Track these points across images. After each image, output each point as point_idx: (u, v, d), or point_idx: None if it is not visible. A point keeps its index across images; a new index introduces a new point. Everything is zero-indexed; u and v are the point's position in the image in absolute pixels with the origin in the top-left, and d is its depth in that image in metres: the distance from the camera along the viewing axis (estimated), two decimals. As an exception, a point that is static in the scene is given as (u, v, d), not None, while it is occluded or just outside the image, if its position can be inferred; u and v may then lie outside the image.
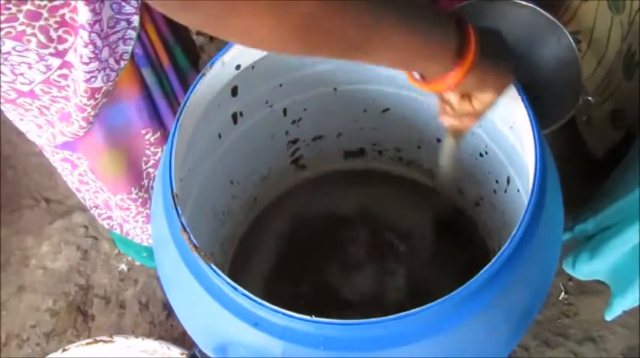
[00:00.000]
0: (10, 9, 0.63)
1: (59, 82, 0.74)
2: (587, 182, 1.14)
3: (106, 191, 0.94)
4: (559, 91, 1.04)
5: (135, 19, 0.74)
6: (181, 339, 1.17)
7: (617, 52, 1.13)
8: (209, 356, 0.65)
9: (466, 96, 0.58)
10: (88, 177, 0.93)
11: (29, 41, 0.67)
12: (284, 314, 0.54)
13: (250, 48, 0.43)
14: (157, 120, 0.88)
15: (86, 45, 0.68)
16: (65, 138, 0.82)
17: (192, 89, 0.69)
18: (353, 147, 1.02)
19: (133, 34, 0.75)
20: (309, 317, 0.53)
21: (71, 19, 0.67)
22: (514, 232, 0.57)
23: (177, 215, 0.60)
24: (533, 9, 1.03)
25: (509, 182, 0.82)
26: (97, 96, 0.76)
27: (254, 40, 0.41)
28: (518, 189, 0.79)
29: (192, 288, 0.61)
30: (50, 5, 0.65)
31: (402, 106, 0.89)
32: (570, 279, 1.20)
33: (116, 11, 0.71)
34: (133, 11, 0.73)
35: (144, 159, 0.92)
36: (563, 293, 1.20)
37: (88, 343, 0.95)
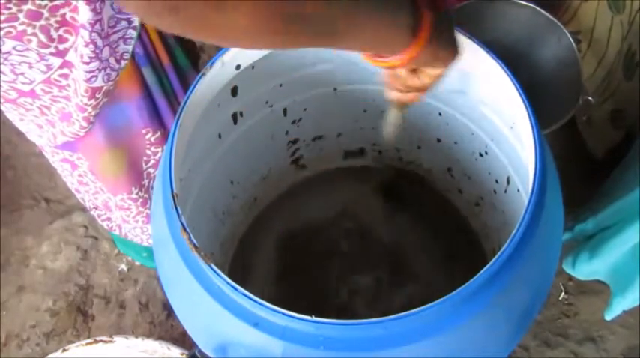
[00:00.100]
0: (11, 9, 0.63)
1: (60, 81, 0.74)
2: (587, 182, 1.14)
3: (106, 191, 0.94)
4: (559, 91, 1.04)
5: (135, 18, 0.74)
6: (181, 339, 1.17)
7: (617, 52, 1.13)
8: (209, 356, 0.65)
9: (415, 71, 0.59)
10: (87, 178, 0.93)
11: (30, 41, 0.67)
12: (284, 314, 0.54)
13: (230, 46, 0.44)
14: (157, 119, 0.88)
15: (87, 44, 0.69)
16: (66, 138, 0.82)
17: (192, 89, 0.69)
18: (353, 147, 1.02)
19: (133, 33, 0.75)
20: (309, 317, 0.53)
21: (72, 18, 0.67)
22: (514, 232, 0.57)
23: (177, 215, 0.60)
24: (533, 9, 1.03)
25: (509, 182, 0.82)
26: (97, 96, 0.76)
27: (237, 35, 0.42)
28: (518, 189, 0.79)
29: (192, 288, 0.61)
30: (51, 5, 0.65)
31: (402, 106, 0.89)
32: (570, 279, 1.20)
33: (117, 11, 0.71)
34: None
35: (144, 158, 0.92)
36: (563, 293, 1.20)
37: (88, 343, 0.95)
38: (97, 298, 1.26)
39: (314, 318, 0.53)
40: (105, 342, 0.95)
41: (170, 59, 0.86)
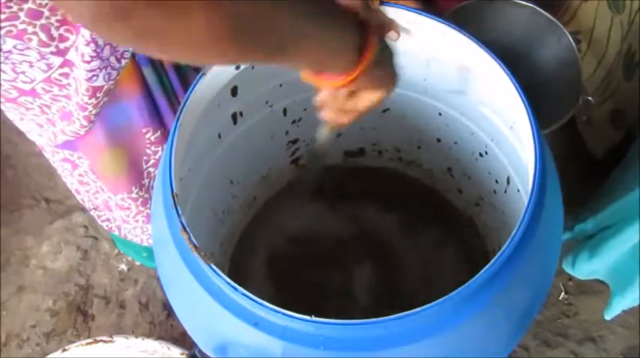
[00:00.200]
0: (12, 7, 0.63)
1: (60, 80, 0.74)
2: (587, 182, 1.14)
3: (107, 191, 0.94)
4: (559, 91, 1.04)
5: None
6: (181, 339, 1.17)
7: (617, 53, 1.13)
8: (209, 356, 0.65)
9: (354, 94, 0.59)
10: (88, 178, 0.93)
11: (30, 40, 0.67)
12: (284, 314, 0.54)
13: (180, 58, 0.43)
14: (157, 119, 0.88)
15: (88, 43, 0.69)
16: (66, 137, 0.82)
17: (193, 89, 0.69)
18: (353, 147, 1.02)
19: (134, 33, 0.75)
20: (309, 317, 0.53)
21: None
22: (514, 232, 0.57)
23: (177, 215, 0.60)
24: (533, 9, 1.03)
25: (509, 182, 0.82)
26: (98, 95, 0.76)
27: (188, 46, 0.40)
28: (518, 189, 0.79)
29: (192, 288, 0.60)
30: (52, 4, 0.65)
31: (402, 106, 0.89)
32: (570, 279, 1.20)
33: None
34: None
35: (144, 158, 0.92)
36: (563, 293, 1.20)
37: (88, 343, 0.95)
38: (97, 298, 1.26)
39: (314, 318, 0.53)
40: (105, 342, 0.95)
41: (170, 59, 0.86)
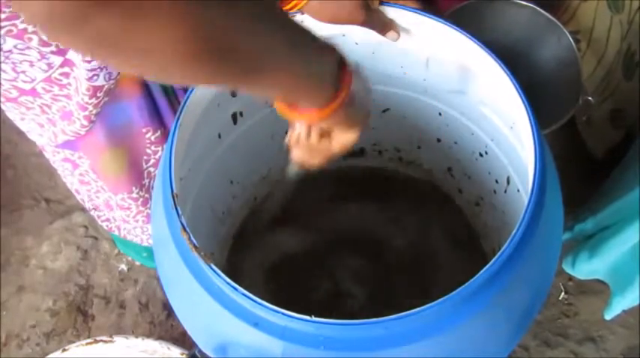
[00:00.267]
0: (12, 7, 0.63)
1: (61, 80, 0.74)
2: (587, 182, 1.14)
3: (107, 191, 0.94)
4: (559, 91, 1.04)
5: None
6: (181, 339, 1.17)
7: (617, 52, 1.13)
8: (209, 356, 0.65)
9: (326, 133, 0.58)
10: (89, 177, 0.93)
11: (30, 39, 0.67)
12: (284, 314, 0.54)
13: (139, 73, 0.39)
14: (157, 119, 0.88)
15: None
16: (66, 137, 0.82)
17: (193, 89, 0.69)
18: (353, 147, 1.02)
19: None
20: (309, 317, 0.53)
21: None
22: (514, 232, 0.57)
23: (177, 215, 0.60)
24: (533, 9, 1.03)
25: (509, 182, 0.82)
26: (98, 95, 0.76)
27: (152, 61, 0.36)
28: (518, 189, 0.79)
29: (192, 288, 0.60)
30: None
31: (402, 106, 0.89)
32: (570, 279, 1.20)
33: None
34: None
35: (144, 158, 0.92)
36: (563, 293, 1.20)
37: (88, 343, 0.95)
38: (97, 298, 1.26)
39: (314, 318, 0.53)
40: (105, 342, 0.95)
41: (170, 59, 0.86)
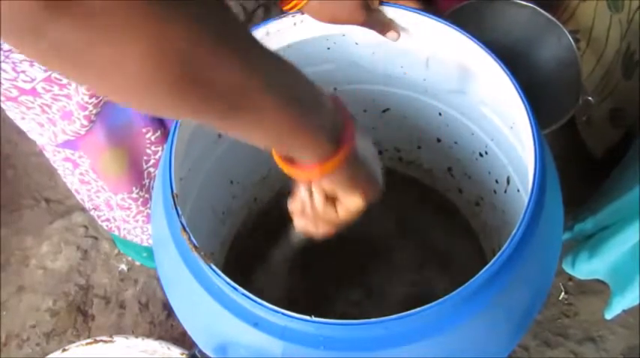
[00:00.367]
0: None
1: (60, 79, 0.74)
2: (587, 182, 1.14)
3: (107, 190, 0.94)
4: (559, 91, 1.04)
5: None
6: (181, 339, 1.17)
7: (616, 51, 1.13)
8: (209, 356, 0.65)
9: (331, 200, 0.53)
10: (89, 177, 0.93)
11: None
12: (284, 314, 0.54)
13: (101, 94, 0.35)
14: (157, 119, 0.88)
15: None
16: (67, 136, 0.82)
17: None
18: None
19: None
20: (309, 317, 0.53)
21: None
22: (514, 232, 0.57)
23: (177, 215, 0.60)
24: (533, 9, 1.03)
25: (509, 182, 0.82)
26: (98, 95, 0.76)
27: (115, 84, 0.32)
28: (518, 189, 0.79)
29: (192, 288, 0.60)
30: None
31: (402, 106, 0.89)
32: (570, 279, 1.20)
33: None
34: None
35: (144, 158, 0.92)
36: (563, 293, 1.20)
37: (88, 343, 0.95)
38: (97, 298, 1.26)
39: (314, 318, 0.53)
40: (105, 342, 0.95)
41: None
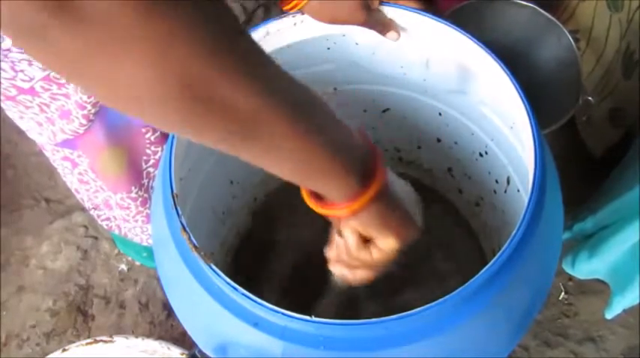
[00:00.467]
0: None
1: (59, 79, 0.74)
2: (587, 182, 1.14)
3: (107, 190, 0.94)
4: (559, 91, 1.04)
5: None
6: (181, 339, 1.17)
7: (616, 51, 1.13)
8: (209, 356, 0.65)
9: (366, 243, 0.52)
10: (88, 176, 0.93)
11: None
12: (284, 314, 0.54)
13: (108, 105, 0.34)
14: (156, 119, 0.88)
15: None
16: (65, 135, 0.82)
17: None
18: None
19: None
20: (309, 317, 0.53)
21: None
22: (514, 232, 0.57)
23: (177, 215, 0.60)
24: (533, 9, 1.03)
25: (509, 182, 0.82)
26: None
27: (117, 95, 0.32)
28: (518, 189, 0.79)
29: (192, 288, 0.60)
30: None
31: (402, 106, 0.89)
32: (570, 279, 1.20)
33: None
34: None
35: (144, 158, 0.92)
36: (563, 293, 1.20)
37: (88, 343, 0.95)
38: (97, 298, 1.26)
39: (314, 318, 0.53)
40: (105, 342, 0.95)
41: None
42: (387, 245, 0.51)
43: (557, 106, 1.01)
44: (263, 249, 1.00)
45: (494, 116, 0.77)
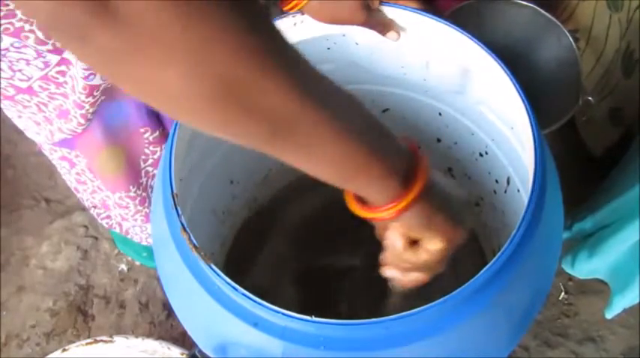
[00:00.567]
0: (9, 5, 0.63)
1: (57, 78, 0.74)
2: (587, 182, 1.14)
3: (105, 190, 0.94)
4: (559, 91, 1.04)
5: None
6: (181, 339, 1.17)
7: (616, 51, 1.13)
8: (209, 356, 0.65)
9: (413, 245, 0.51)
10: (85, 176, 0.93)
11: (27, 37, 0.67)
12: (284, 315, 0.54)
13: (156, 108, 0.34)
14: (155, 119, 0.88)
15: None
16: (63, 135, 0.82)
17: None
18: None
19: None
20: (309, 317, 0.53)
21: None
22: (514, 232, 0.57)
23: (177, 215, 0.60)
24: (533, 9, 1.03)
25: (509, 182, 0.82)
26: (95, 94, 0.76)
27: (155, 96, 0.32)
28: (518, 190, 0.79)
29: (192, 288, 0.60)
30: None
31: (401, 106, 0.89)
32: (570, 279, 1.20)
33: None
34: None
35: (142, 157, 0.92)
36: (563, 293, 1.20)
37: (88, 343, 0.95)
38: (97, 298, 1.26)
39: (314, 318, 0.53)
40: (105, 342, 0.95)
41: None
42: (433, 246, 0.50)
43: (557, 106, 1.01)
44: (263, 249, 1.00)
45: (494, 116, 0.77)
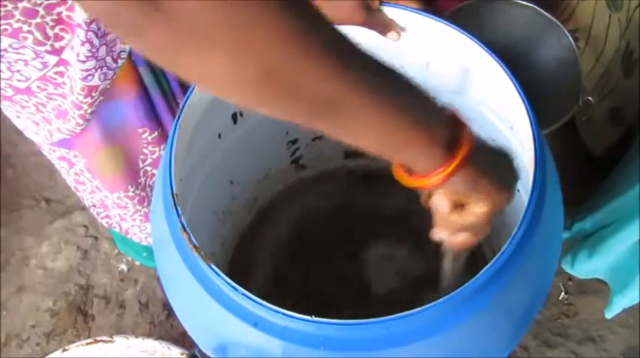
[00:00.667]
0: (7, 6, 0.63)
1: (55, 79, 0.74)
2: (587, 181, 1.14)
3: (103, 190, 0.94)
4: (559, 91, 1.04)
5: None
6: (181, 339, 1.17)
7: (616, 50, 1.13)
8: (209, 356, 0.65)
9: (459, 207, 0.52)
10: (84, 177, 0.93)
11: (25, 38, 0.67)
12: (284, 314, 0.54)
13: (202, 87, 0.36)
14: (154, 119, 0.88)
15: (83, 43, 0.69)
16: (62, 135, 0.82)
17: (192, 89, 0.69)
18: (353, 148, 1.02)
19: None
20: (309, 317, 0.53)
21: (68, 17, 0.67)
22: (514, 232, 0.57)
23: (177, 215, 0.60)
24: (533, 9, 1.03)
25: (509, 182, 0.82)
26: (93, 95, 0.76)
27: (207, 83, 0.35)
28: (518, 190, 0.78)
29: (192, 288, 0.60)
30: (47, 3, 0.65)
31: (401, 106, 0.89)
32: (570, 279, 1.20)
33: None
34: None
35: (141, 157, 0.92)
36: (563, 293, 1.20)
37: (88, 343, 0.95)
38: (97, 298, 1.26)
39: (314, 318, 0.53)
40: (105, 342, 0.95)
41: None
42: (479, 209, 0.51)
43: (557, 106, 1.01)
44: (263, 249, 1.00)
45: (494, 116, 0.77)
